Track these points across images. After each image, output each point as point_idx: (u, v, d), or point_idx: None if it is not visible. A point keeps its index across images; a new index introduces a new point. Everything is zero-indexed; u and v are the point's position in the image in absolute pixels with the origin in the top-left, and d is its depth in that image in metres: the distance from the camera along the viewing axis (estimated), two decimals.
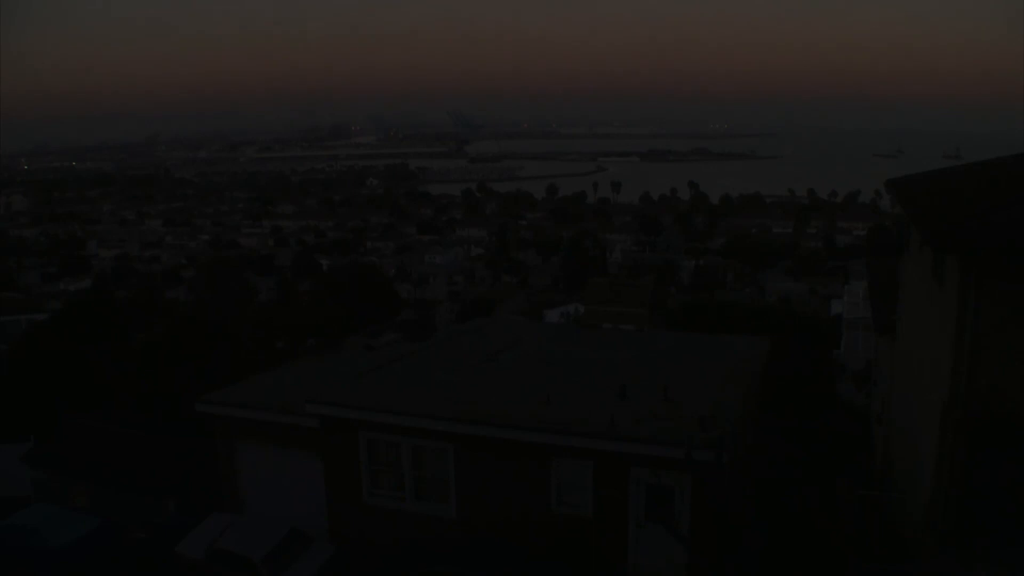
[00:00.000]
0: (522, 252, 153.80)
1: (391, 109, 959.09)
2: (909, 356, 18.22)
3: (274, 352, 34.16)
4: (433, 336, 37.00)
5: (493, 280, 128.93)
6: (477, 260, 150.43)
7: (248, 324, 40.37)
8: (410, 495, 17.81)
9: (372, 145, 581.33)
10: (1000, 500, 13.36)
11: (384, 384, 18.96)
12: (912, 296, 18.65)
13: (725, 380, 18.40)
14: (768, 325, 34.54)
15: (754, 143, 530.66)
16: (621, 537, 16.16)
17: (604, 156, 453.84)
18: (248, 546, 17.28)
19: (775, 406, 25.38)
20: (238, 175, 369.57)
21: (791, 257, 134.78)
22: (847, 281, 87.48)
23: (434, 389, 18.45)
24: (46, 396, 27.44)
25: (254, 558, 16.93)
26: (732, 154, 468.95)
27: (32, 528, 19.30)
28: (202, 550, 17.56)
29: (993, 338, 12.78)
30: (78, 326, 34.23)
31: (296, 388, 19.57)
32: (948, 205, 14.79)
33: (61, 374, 28.75)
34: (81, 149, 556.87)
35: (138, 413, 25.52)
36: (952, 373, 13.15)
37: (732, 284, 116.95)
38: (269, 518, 18.60)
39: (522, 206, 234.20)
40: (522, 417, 16.54)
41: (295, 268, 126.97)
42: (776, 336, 26.12)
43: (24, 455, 23.32)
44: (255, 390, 20.59)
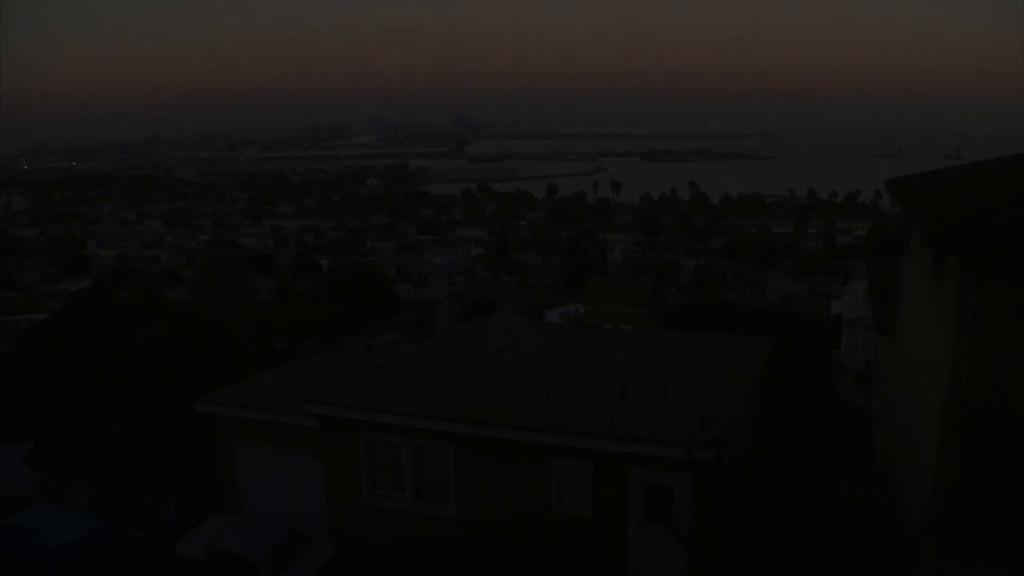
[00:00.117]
0: (522, 252, 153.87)
1: (391, 109, 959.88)
2: (909, 356, 18.23)
3: (274, 352, 34.15)
4: (433, 336, 37.01)
5: (493, 280, 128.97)
6: (477, 260, 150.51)
7: (248, 324, 40.35)
8: (410, 495, 17.81)
9: (372, 145, 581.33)
10: (1000, 500, 13.37)
11: (384, 384, 18.97)
12: (912, 296, 18.66)
13: (725, 380, 18.41)
14: (768, 325, 34.56)
15: (754, 143, 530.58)
16: (621, 537, 16.16)
17: (604, 156, 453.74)
18: (248, 546, 17.29)
19: (775, 406, 25.38)
20: (238, 175, 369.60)
21: (791, 257, 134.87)
22: (847, 281, 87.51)
23: (434, 389, 18.46)
24: (46, 396, 27.42)
25: (254, 558, 16.94)
26: (732, 154, 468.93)
27: (32, 528, 19.30)
28: (202, 550, 17.56)
29: (993, 338, 12.79)
30: (78, 326, 34.20)
31: (296, 388, 19.58)
32: (948, 205, 14.79)
33: (61, 374, 28.73)
34: (81, 149, 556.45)
35: (138, 413, 25.53)
36: (952, 373, 13.15)
37: (732, 284, 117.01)
38: (269, 518, 18.60)
39: (522, 206, 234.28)
40: (522, 417, 16.54)
41: (295, 268, 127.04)
42: (776, 336, 26.12)
43: (24, 455, 23.32)
44: (255, 390, 20.60)
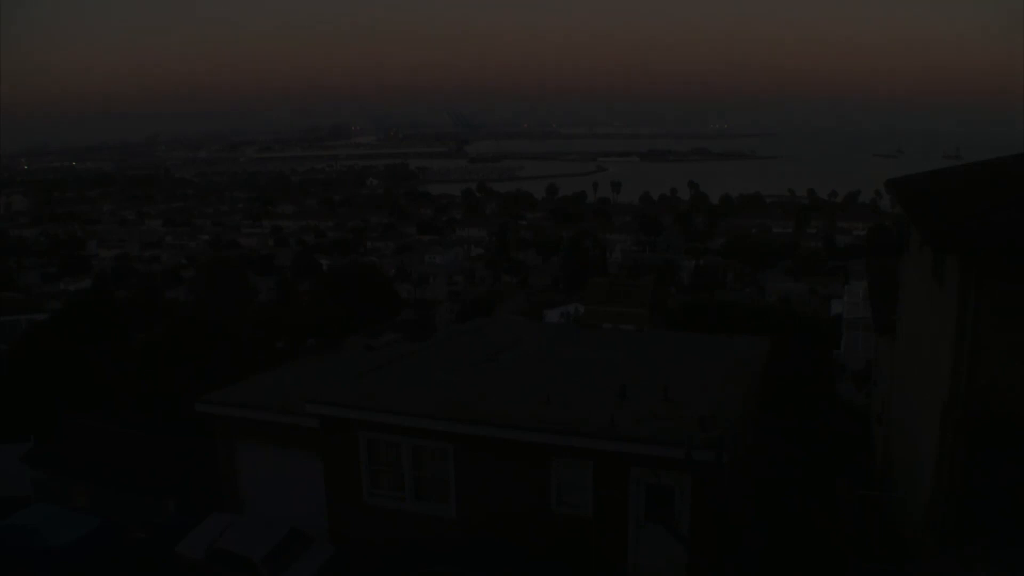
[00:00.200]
0: (522, 252, 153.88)
1: (391, 109, 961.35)
2: (909, 356, 18.22)
3: (274, 352, 34.14)
4: (433, 336, 37.03)
5: (493, 280, 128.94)
6: (477, 260, 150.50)
7: (248, 324, 40.32)
8: (410, 495, 17.81)
9: (372, 145, 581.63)
10: (1000, 500, 13.36)
11: (384, 384, 18.97)
12: (912, 296, 18.65)
13: (725, 380, 18.41)
14: (768, 325, 34.57)
15: (754, 143, 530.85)
16: (621, 537, 16.16)
17: (604, 156, 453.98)
18: (248, 546, 17.29)
19: (775, 406, 25.37)
20: (238, 175, 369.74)
21: (791, 257, 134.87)
22: (847, 281, 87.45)
23: (434, 389, 18.45)
24: (46, 396, 27.41)
25: (254, 558, 16.94)
26: (732, 154, 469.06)
27: (32, 528, 19.30)
28: (202, 550, 17.56)
29: (993, 338, 12.78)
30: (78, 326, 34.19)
31: (296, 388, 19.58)
32: (948, 205, 14.78)
33: (61, 374, 28.72)
34: (81, 149, 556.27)
35: (138, 413, 25.53)
36: (952, 373, 13.15)
37: (732, 284, 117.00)
38: (269, 518, 18.60)
39: (522, 206, 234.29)
40: (522, 417, 16.54)
41: (295, 268, 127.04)
42: (776, 336, 26.12)
43: (24, 455, 23.31)
44: (255, 390, 20.60)
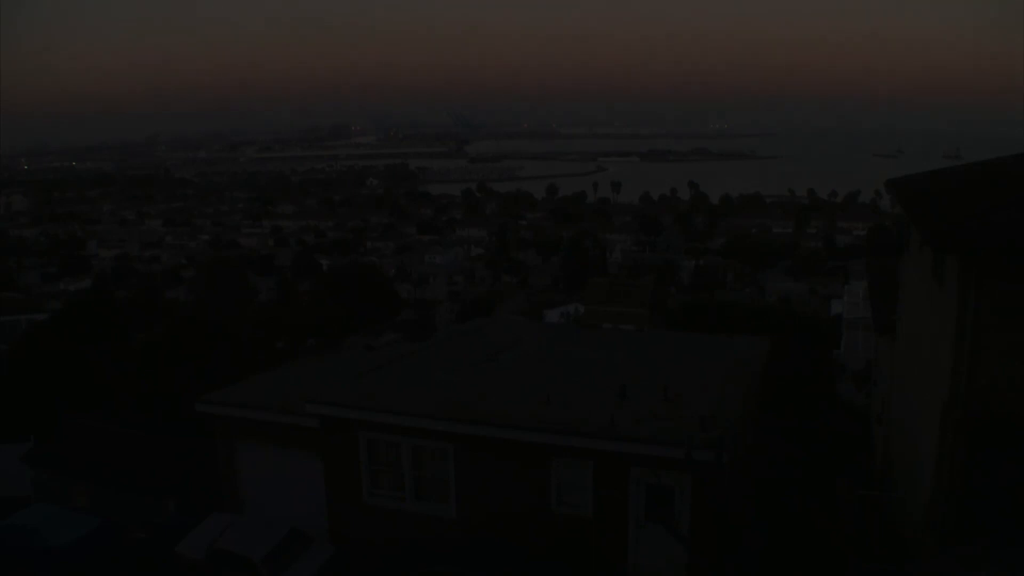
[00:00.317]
0: (522, 252, 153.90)
1: (391, 109, 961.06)
2: (909, 356, 18.22)
3: (274, 352, 34.16)
4: (433, 336, 37.04)
5: (493, 280, 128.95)
6: (477, 260, 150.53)
7: (248, 324, 40.34)
8: (410, 495, 17.81)
9: (372, 145, 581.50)
10: (1000, 500, 13.36)
11: (384, 384, 18.96)
12: (912, 296, 18.65)
13: (725, 380, 18.40)
14: (768, 325, 34.57)
15: (754, 143, 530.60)
16: (621, 537, 16.16)
17: (604, 156, 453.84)
18: (248, 546, 17.29)
19: (775, 406, 25.37)
20: (238, 175, 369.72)
21: (791, 257, 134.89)
22: (847, 281, 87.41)
23: (434, 389, 18.45)
24: (46, 396, 27.42)
25: (254, 558, 16.93)
26: (732, 154, 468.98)
27: (32, 528, 19.30)
28: (202, 550, 17.55)
29: (993, 338, 12.78)
30: (78, 326, 34.20)
31: (296, 388, 19.56)
32: (948, 205, 14.78)
33: (61, 374, 28.72)
34: (81, 149, 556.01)
35: (138, 413, 25.53)
36: (952, 373, 13.15)
37: (732, 284, 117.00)
38: (269, 518, 18.60)
39: (522, 206, 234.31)
40: (522, 417, 16.54)
41: (295, 268, 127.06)
42: (776, 336, 26.13)
43: (24, 455, 23.30)
44: (255, 390, 20.59)
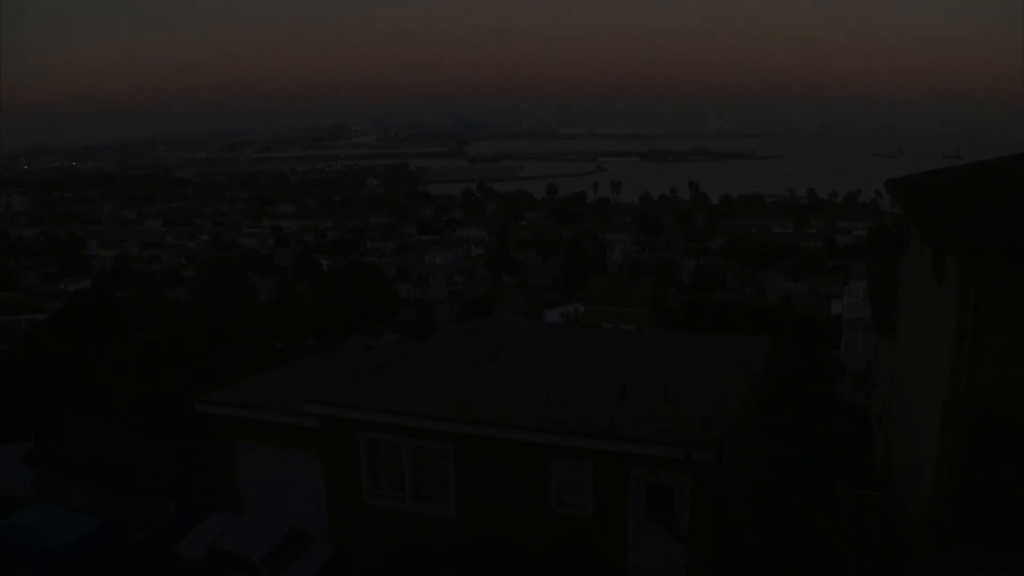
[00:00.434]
0: (522, 252, 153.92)
1: (391, 109, 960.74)
2: (909, 356, 18.23)
3: (274, 352, 34.17)
4: (433, 336, 37.05)
5: (493, 280, 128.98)
6: (477, 260, 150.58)
7: (248, 324, 40.35)
8: (410, 495, 17.81)
9: (372, 145, 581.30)
10: (1000, 500, 13.36)
11: (384, 384, 18.96)
12: (912, 296, 18.66)
13: (725, 380, 18.40)
14: (768, 325, 34.55)
15: (754, 143, 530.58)
16: (621, 537, 16.16)
17: (604, 156, 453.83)
18: (248, 546, 17.29)
19: (775, 406, 25.36)
20: (238, 175, 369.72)
21: (791, 257, 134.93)
22: (847, 281, 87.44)
23: (434, 389, 18.45)
24: (46, 396, 27.42)
25: (254, 558, 16.93)
26: (732, 154, 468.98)
27: (32, 528, 19.30)
28: (202, 550, 17.55)
29: (993, 338, 12.78)
30: (78, 326, 34.20)
31: (296, 388, 19.56)
32: (948, 205, 14.78)
33: (61, 374, 28.73)
34: (81, 149, 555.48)
35: (138, 413, 25.53)
36: (952, 373, 13.15)
37: (732, 284, 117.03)
38: (269, 518, 18.60)
39: (522, 206, 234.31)
40: (522, 417, 16.54)
41: (295, 268, 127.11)
42: (776, 336, 26.12)
43: (24, 455, 23.30)
44: (255, 390, 20.59)
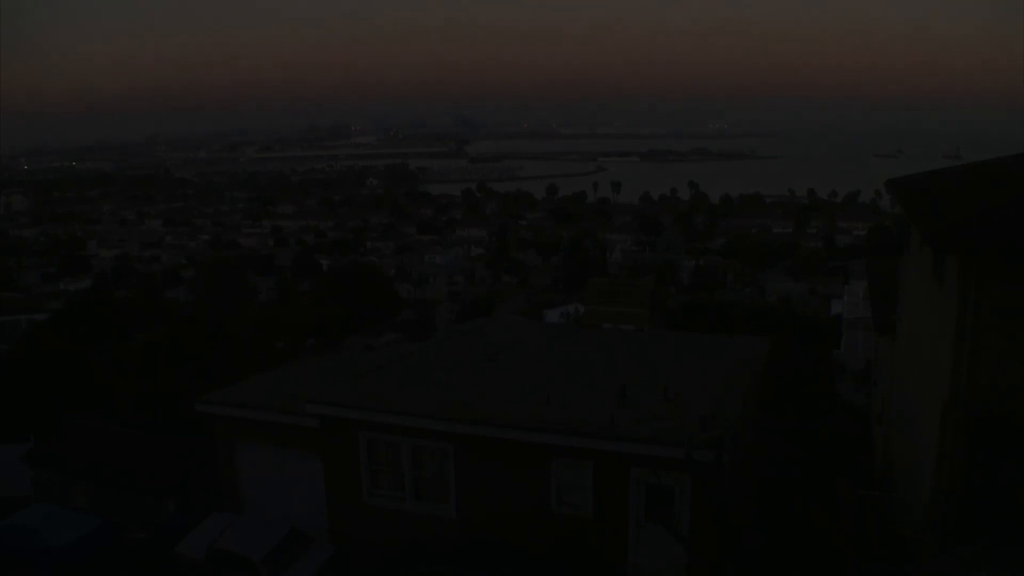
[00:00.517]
0: (522, 252, 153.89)
1: (391, 109, 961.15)
2: (909, 356, 18.23)
3: (274, 352, 34.17)
4: (433, 336, 37.04)
5: (493, 280, 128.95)
6: (477, 260, 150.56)
7: (248, 324, 40.35)
8: (410, 495, 17.81)
9: (372, 145, 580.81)
10: (1000, 500, 13.36)
11: (384, 384, 18.96)
12: (912, 296, 18.66)
13: (725, 380, 18.40)
14: (768, 325, 34.54)
15: (754, 143, 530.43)
16: (621, 537, 16.17)
17: (604, 156, 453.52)
18: (248, 546, 17.29)
19: (775, 406, 25.36)
20: (238, 175, 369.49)
21: (791, 257, 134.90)
22: (847, 281, 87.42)
23: (434, 389, 18.46)
24: (46, 396, 27.43)
25: (254, 558, 16.93)
26: (732, 154, 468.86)
27: (32, 528, 19.30)
28: (202, 550, 17.56)
29: (993, 338, 12.78)
30: (78, 326, 34.19)
31: (296, 388, 19.57)
32: (948, 205, 14.78)
33: (61, 374, 28.73)
34: (81, 149, 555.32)
35: (138, 413, 25.53)
36: (952, 373, 13.15)
37: (732, 284, 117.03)
38: (269, 518, 18.60)
39: (522, 206, 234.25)
40: (522, 417, 16.54)
41: (295, 268, 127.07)
42: (776, 336, 26.12)
43: (24, 455, 23.30)
44: (255, 390, 20.60)
